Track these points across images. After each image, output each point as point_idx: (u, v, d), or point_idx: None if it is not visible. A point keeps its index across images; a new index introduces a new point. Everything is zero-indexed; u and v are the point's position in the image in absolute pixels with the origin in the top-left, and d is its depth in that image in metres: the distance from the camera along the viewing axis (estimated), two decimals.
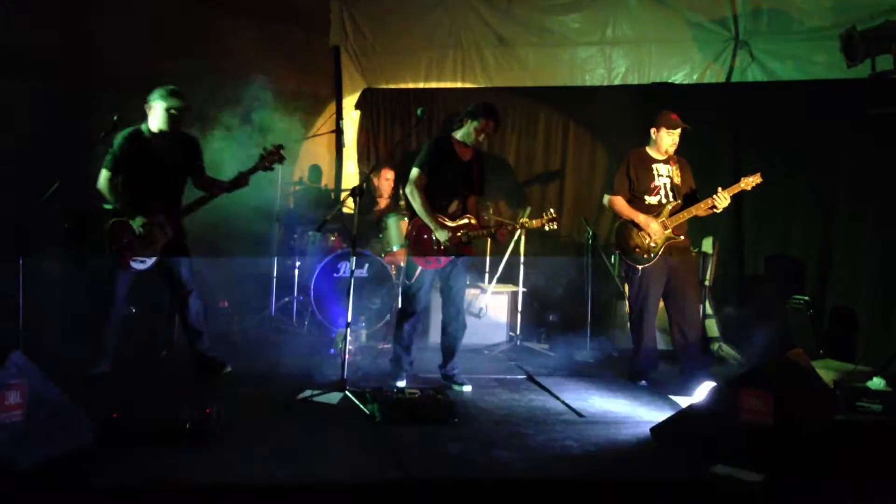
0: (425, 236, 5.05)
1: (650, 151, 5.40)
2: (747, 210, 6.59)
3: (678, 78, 7.11)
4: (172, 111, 4.79)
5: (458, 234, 5.04)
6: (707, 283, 6.43)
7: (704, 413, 4.06)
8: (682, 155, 5.47)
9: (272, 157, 5.03)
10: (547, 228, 5.21)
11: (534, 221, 5.25)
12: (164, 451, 3.62)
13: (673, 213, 5.30)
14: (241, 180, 4.96)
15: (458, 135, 5.12)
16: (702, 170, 5.68)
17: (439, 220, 5.04)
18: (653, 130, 5.38)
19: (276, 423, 4.20)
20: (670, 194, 5.35)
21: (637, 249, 5.31)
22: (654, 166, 5.36)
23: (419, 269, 5.06)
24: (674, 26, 7.04)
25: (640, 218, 5.30)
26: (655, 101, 6.43)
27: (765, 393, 3.82)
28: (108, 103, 6.20)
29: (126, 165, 4.79)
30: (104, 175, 4.79)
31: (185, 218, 5.02)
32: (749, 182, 5.19)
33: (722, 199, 5.14)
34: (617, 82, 7.35)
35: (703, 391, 4.74)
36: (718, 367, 5.96)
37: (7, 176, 5.71)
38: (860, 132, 6.05)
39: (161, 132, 4.84)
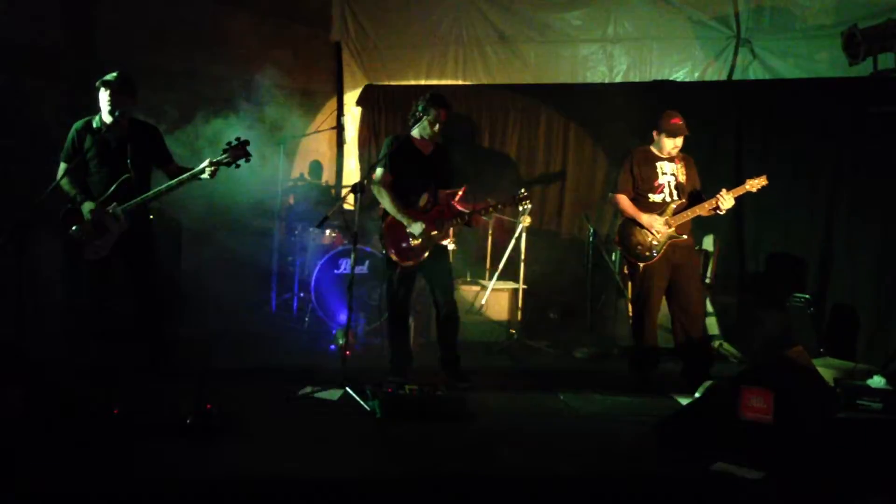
0: (399, 234, 5.05)
1: (654, 150, 5.39)
2: (748, 208, 6.57)
3: (680, 75, 7.10)
4: (106, 99, 4.68)
5: (432, 225, 5.04)
6: (708, 281, 6.42)
7: (705, 411, 4.07)
8: (683, 152, 5.46)
9: (237, 151, 4.69)
10: (520, 208, 5.20)
11: (524, 214, 5.21)
12: (165, 447, 3.63)
13: (677, 211, 5.29)
14: (198, 174, 4.69)
15: (416, 132, 5.13)
16: (703, 167, 5.66)
17: (411, 213, 5.05)
18: (655, 132, 5.38)
19: (276, 420, 4.21)
20: (674, 193, 5.35)
21: (639, 247, 5.31)
22: (657, 164, 5.36)
23: (399, 267, 5.07)
24: (675, 24, 7.03)
25: (644, 218, 5.29)
26: (657, 99, 6.43)
27: (765, 391, 3.83)
28: None
29: (77, 156, 4.72)
30: (61, 167, 4.74)
31: (149, 208, 4.87)
32: (754, 184, 5.18)
33: (726, 201, 5.14)
34: (618, 80, 7.34)
35: (703, 389, 4.75)
36: (719, 366, 5.96)
37: (8, 172, 5.72)
38: (861, 131, 6.03)
39: (114, 122, 4.72)
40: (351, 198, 4.99)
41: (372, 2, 8.19)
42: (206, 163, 4.66)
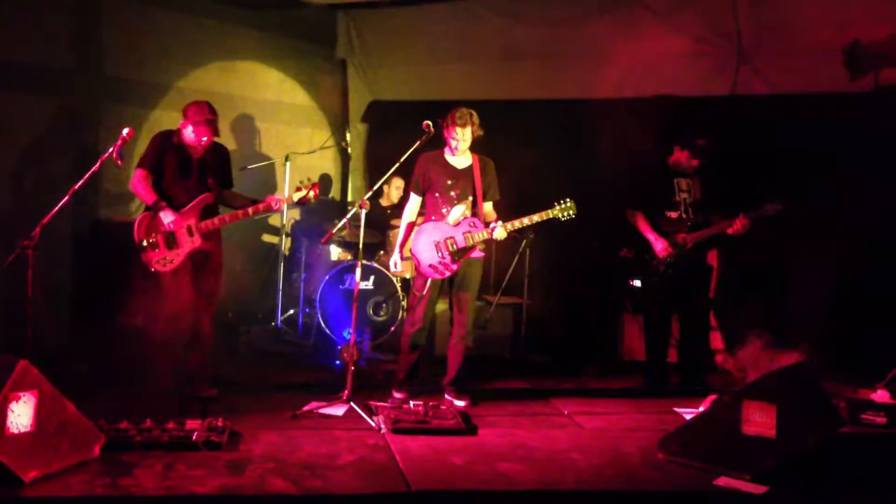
0: (429, 245, 5.03)
1: (671, 165, 5.40)
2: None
3: (682, 91, 7.12)
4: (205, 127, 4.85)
5: (461, 235, 4.99)
6: (711, 295, 6.41)
7: (708, 425, 4.07)
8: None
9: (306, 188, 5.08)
10: (563, 216, 5.14)
11: (551, 211, 5.17)
12: (171, 462, 3.64)
13: (692, 229, 5.30)
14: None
15: (446, 151, 5.13)
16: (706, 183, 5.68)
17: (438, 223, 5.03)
18: (676, 147, 5.38)
19: (281, 435, 4.22)
20: (689, 210, 5.35)
21: (654, 262, 5.33)
22: (675, 181, 5.36)
23: (428, 279, 5.06)
24: (678, 39, 7.05)
25: (651, 237, 5.31)
26: (659, 114, 6.44)
27: (768, 405, 3.83)
28: (117, 116, 6.29)
29: (157, 166, 4.89)
30: (137, 173, 4.87)
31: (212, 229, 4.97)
32: (769, 210, 5.19)
33: (743, 225, 5.17)
34: (622, 95, 7.36)
35: (707, 403, 4.76)
36: (722, 380, 5.95)
37: (20, 190, 5.79)
38: (862, 145, 6.04)
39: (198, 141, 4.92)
40: (357, 213, 5.02)
41: (377, 18, 8.23)
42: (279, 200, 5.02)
